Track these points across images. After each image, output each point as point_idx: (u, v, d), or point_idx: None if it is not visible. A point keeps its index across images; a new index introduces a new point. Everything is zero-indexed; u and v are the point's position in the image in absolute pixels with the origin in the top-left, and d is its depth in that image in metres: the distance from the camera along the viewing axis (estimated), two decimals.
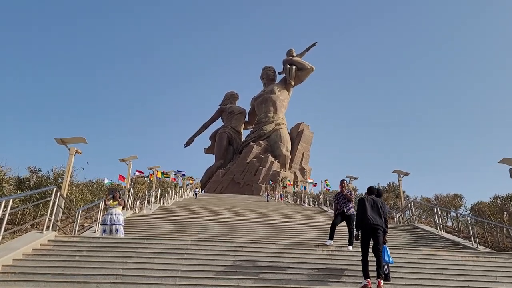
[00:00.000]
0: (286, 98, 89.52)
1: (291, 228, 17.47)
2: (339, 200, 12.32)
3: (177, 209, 26.40)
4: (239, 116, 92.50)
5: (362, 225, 9.19)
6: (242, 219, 19.55)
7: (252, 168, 75.08)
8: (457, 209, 25.09)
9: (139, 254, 10.16)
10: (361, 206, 9.31)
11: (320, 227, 18.35)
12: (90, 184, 27.86)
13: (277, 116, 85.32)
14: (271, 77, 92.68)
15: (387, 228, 9.30)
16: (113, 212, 13.01)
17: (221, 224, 17.58)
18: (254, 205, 33.67)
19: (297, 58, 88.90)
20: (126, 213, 20.25)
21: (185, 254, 10.33)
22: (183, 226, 16.75)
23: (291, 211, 29.82)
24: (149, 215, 20.56)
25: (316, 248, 11.42)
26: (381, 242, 9.03)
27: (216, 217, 20.32)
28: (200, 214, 23.15)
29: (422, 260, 11.21)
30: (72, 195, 16.72)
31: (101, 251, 10.33)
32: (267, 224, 18.34)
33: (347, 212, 11.96)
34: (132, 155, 24.55)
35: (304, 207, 37.07)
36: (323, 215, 27.90)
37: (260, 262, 10.14)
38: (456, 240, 17.17)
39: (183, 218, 19.50)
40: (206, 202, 35.12)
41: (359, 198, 9.60)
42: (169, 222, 17.95)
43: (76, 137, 14.87)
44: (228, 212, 25.65)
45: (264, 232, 16.30)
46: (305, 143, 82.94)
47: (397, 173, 25.09)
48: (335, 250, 11.40)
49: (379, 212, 9.22)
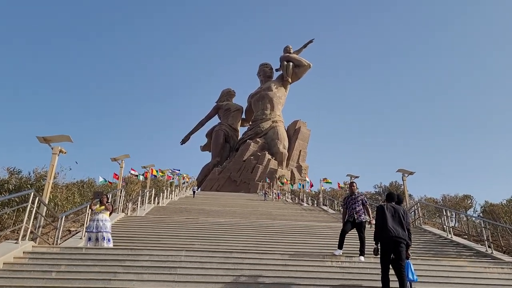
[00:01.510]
0: (283, 95, 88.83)
1: (294, 232, 16.25)
2: (348, 204, 11.14)
3: (172, 210, 25.22)
4: (235, 113, 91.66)
5: (381, 237, 7.88)
6: (241, 223, 18.35)
7: (249, 165, 74.26)
8: (466, 211, 24.01)
9: (127, 269, 8.94)
10: (380, 215, 8.03)
11: (324, 230, 17.21)
12: (80, 184, 26.63)
13: (274, 113, 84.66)
14: (268, 74, 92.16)
15: (410, 241, 8.02)
16: (100, 218, 11.77)
17: (219, 229, 16.36)
18: (252, 205, 32.59)
19: (294, 55, 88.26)
20: (117, 215, 19.07)
21: (179, 268, 9.12)
22: (177, 231, 15.51)
23: (291, 211, 28.73)
24: (142, 218, 19.32)
25: (325, 259, 10.26)
26: (404, 257, 7.76)
27: (213, 220, 19.15)
28: (196, 216, 21.98)
29: (443, 273, 10.07)
30: (57, 198, 15.44)
31: (83, 265, 9.11)
32: (268, 228, 17.15)
33: (358, 219, 10.78)
34: (124, 154, 23.29)
35: (303, 207, 36.01)
36: (323, 216, 26.86)
37: (263, 277, 8.97)
38: (467, 244, 16.12)
39: (178, 221, 18.31)
40: (202, 201, 33.97)
41: (378, 206, 8.36)
42: (163, 226, 16.68)
43: (60, 135, 13.59)
44: (226, 213, 24.48)
45: (266, 238, 15.07)
46: (302, 140, 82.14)
47: (402, 172, 24.04)
48: (346, 261, 10.24)
49: (401, 222, 7.93)
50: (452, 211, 19.73)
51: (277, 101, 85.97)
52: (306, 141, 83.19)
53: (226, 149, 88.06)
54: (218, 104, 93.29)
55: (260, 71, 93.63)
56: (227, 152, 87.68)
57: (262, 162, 73.27)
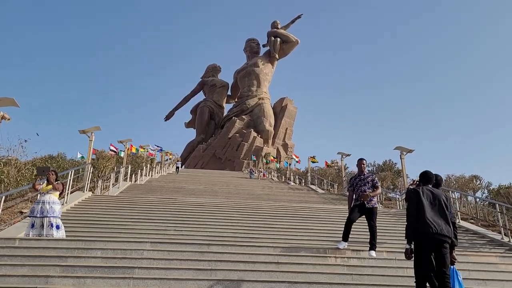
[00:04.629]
0: (270, 71, 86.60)
1: (285, 216, 14.03)
2: (356, 185, 9.01)
3: (149, 189, 23.01)
4: (221, 90, 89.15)
5: (418, 234, 5.59)
6: (223, 204, 16.11)
7: (234, 143, 72.35)
8: (475, 192, 22.16)
9: (66, 270, 6.69)
10: (415, 203, 5.68)
11: (320, 214, 15.15)
12: (47, 159, 24.13)
13: (260, 90, 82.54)
14: (255, 50, 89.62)
15: (456, 239, 5.85)
16: (46, 199, 9.43)
17: (198, 211, 14.12)
18: (236, 183, 30.51)
19: (282, 31, 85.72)
20: (83, 194, 16.75)
21: (137, 269, 6.89)
22: (148, 215, 13.20)
23: (278, 191, 26.69)
24: (111, 197, 17.02)
25: (327, 255, 8.19)
26: (448, 262, 5.54)
27: (193, 200, 16.97)
28: (174, 195, 19.76)
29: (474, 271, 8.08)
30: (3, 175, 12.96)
31: (8, 264, 6.84)
32: (254, 211, 14.90)
33: (369, 204, 8.67)
34: (95, 126, 20.76)
35: (290, 186, 34.11)
36: (313, 196, 24.96)
37: (248, 280, 6.82)
38: (478, 231, 14.41)
39: (152, 201, 16.07)
40: (184, 179, 31.76)
41: (410, 190, 5.99)
42: (133, 207, 14.37)
43: (2, 98, 11.12)
44: (208, 192, 22.34)
45: (252, 224, 12.72)
46: (288, 118, 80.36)
47: (400, 150, 22.18)
48: (353, 257, 8.18)
49: (443, 213, 5.60)
50: (461, 193, 17.84)
51: (264, 78, 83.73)
52: (292, 119, 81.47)
53: (211, 126, 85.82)
54: (203, 80, 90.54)
55: (246, 46, 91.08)
56: (212, 129, 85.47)
57: (248, 139, 71.38)
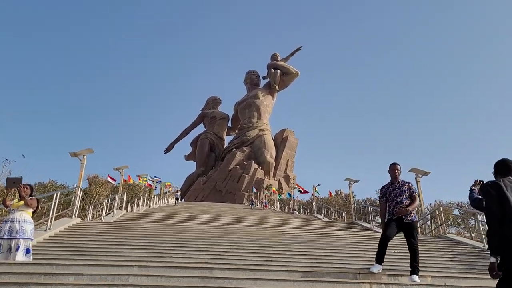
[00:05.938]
0: (271, 103, 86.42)
1: (297, 241, 12.31)
2: (389, 196, 7.47)
3: (146, 217, 21.37)
4: (221, 122, 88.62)
5: (506, 242, 4.01)
6: (228, 230, 14.49)
7: (234, 175, 70.74)
8: None
9: None
10: (497, 200, 4.17)
11: (337, 240, 13.49)
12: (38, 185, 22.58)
13: (261, 121, 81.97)
14: (255, 82, 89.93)
15: None
16: (17, 218, 7.90)
17: (199, 237, 12.45)
18: (238, 213, 28.85)
19: (282, 63, 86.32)
20: (70, 220, 15.11)
21: None
22: (140, 240, 11.55)
23: (283, 220, 24.96)
24: (103, 224, 15.39)
25: (358, 280, 6.57)
26: None
27: (193, 227, 15.34)
28: (172, 222, 18.12)
29: None
30: None
31: None
32: (262, 236, 13.24)
33: (407, 217, 7.10)
34: (87, 148, 19.32)
35: (295, 215, 32.31)
36: (320, 223, 23.25)
37: None
38: None
39: (149, 228, 14.44)
40: (184, 209, 30.04)
41: (489, 183, 4.44)
42: (124, 233, 12.75)
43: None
44: (208, 220, 20.69)
45: (261, 248, 10.92)
46: (290, 149, 79.33)
47: (415, 173, 20.71)
48: (391, 284, 6.55)
49: None
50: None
51: (264, 109, 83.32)
52: (294, 150, 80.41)
53: (211, 158, 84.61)
54: (203, 112, 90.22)
55: (247, 78, 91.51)
56: (212, 161, 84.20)
57: (249, 171, 69.88)
